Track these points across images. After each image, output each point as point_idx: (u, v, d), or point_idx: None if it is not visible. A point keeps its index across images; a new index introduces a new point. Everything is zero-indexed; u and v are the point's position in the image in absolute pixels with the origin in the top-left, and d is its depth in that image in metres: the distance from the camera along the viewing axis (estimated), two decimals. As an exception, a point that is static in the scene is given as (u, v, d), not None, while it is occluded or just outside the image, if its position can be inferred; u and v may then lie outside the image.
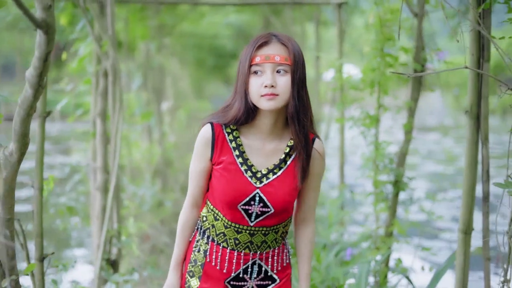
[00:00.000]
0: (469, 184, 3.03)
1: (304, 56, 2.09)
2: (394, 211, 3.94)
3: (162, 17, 7.13)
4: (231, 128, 2.11)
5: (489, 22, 2.92)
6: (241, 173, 2.09)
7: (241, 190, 2.08)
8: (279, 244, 2.22)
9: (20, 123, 1.86)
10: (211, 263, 2.17)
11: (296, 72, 2.01)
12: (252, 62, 2.01)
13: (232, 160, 2.10)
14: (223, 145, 2.10)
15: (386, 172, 3.88)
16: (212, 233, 2.17)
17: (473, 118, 2.99)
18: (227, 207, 2.10)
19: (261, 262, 2.18)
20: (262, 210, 2.09)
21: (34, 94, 1.76)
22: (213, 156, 2.11)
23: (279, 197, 2.09)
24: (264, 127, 2.10)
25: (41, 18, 1.58)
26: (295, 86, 2.01)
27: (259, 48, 2.03)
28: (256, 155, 2.12)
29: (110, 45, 3.85)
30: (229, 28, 14.87)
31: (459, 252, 3.07)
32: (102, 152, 4.04)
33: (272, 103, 1.99)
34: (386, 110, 4.00)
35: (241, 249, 2.15)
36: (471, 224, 3.04)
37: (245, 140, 2.12)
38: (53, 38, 1.64)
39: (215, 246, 2.16)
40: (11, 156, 1.93)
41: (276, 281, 2.23)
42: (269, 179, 2.10)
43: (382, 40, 3.77)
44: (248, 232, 2.12)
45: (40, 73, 1.70)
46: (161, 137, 8.07)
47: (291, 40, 2.07)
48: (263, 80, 1.99)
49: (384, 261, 3.85)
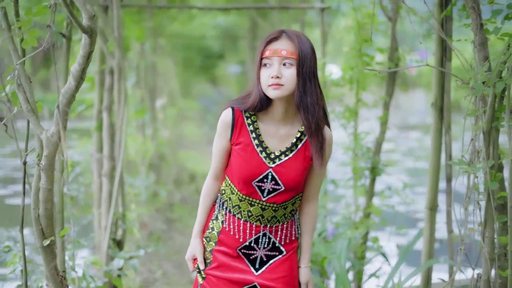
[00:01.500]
0: (434, 167, 3.51)
1: (314, 53, 2.30)
2: (371, 195, 4.41)
3: (156, 19, 7.56)
4: (250, 113, 2.37)
5: (450, 26, 3.39)
6: (257, 154, 2.35)
7: (255, 169, 2.34)
8: (288, 219, 2.45)
9: (62, 109, 2.28)
10: (227, 231, 2.42)
11: (301, 65, 2.24)
12: (263, 55, 2.28)
13: (249, 141, 2.36)
14: (242, 128, 2.36)
15: (364, 160, 4.35)
16: (229, 205, 2.43)
17: (437, 110, 3.46)
18: (243, 182, 2.36)
19: (270, 235, 2.42)
20: (274, 187, 2.35)
21: (76, 85, 2.19)
22: (232, 137, 2.37)
23: (289, 177, 2.35)
24: (277, 114, 2.35)
25: (87, 25, 2.01)
26: (300, 77, 2.24)
27: (269, 43, 2.28)
28: (270, 138, 2.37)
29: (116, 46, 4.27)
30: (217, 29, 15.19)
31: (426, 226, 3.54)
32: (108, 142, 4.45)
33: (278, 92, 2.24)
34: (364, 104, 4.46)
35: (253, 221, 2.39)
36: (436, 202, 3.52)
37: (261, 124, 2.37)
38: (94, 41, 2.07)
39: (231, 217, 2.42)
40: (52, 137, 2.34)
41: (283, 253, 2.45)
42: (281, 160, 2.36)
43: (359, 41, 4.23)
44: (260, 206, 2.38)
45: (83, 68, 2.13)
46: (154, 132, 8.50)
47: (300, 37, 2.29)
48: (271, 72, 2.24)
49: (362, 238, 4.31)
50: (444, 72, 3.38)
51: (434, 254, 3.55)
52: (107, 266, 4.04)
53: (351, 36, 4.49)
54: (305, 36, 2.33)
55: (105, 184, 4.43)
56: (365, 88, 4.46)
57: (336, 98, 4.75)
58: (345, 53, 4.47)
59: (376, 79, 4.54)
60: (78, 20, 1.98)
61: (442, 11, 3.34)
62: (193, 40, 14.83)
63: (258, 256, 2.44)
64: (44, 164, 2.37)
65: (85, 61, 2.11)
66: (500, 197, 2.73)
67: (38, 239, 2.47)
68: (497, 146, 2.70)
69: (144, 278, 5.05)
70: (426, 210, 3.54)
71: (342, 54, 4.96)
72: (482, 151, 2.69)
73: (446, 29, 3.38)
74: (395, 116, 23.49)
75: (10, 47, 2.39)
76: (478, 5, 2.72)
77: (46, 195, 2.43)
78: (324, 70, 5.08)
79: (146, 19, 7.10)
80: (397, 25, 4.30)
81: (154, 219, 6.80)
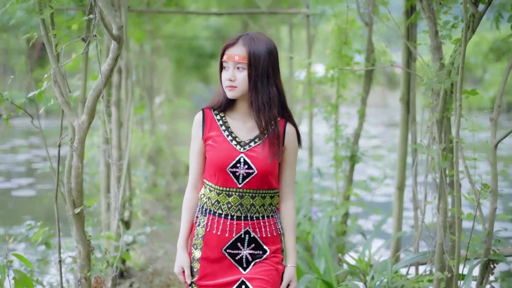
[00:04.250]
0: (401, 153, 4.08)
1: (271, 54, 2.47)
2: (350, 180, 4.98)
3: (154, 22, 8.11)
4: (218, 111, 2.59)
5: (415, 32, 3.95)
6: (228, 142, 2.52)
7: (228, 155, 2.49)
8: (268, 214, 2.56)
9: (92, 101, 2.82)
10: (210, 232, 2.52)
11: (252, 68, 2.44)
12: (222, 59, 2.51)
13: (219, 133, 2.54)
14: (212, 123, 2.56)
15: (344, 149, 4.92)
16: (209, 205, 2.55)
17: (404, 104, 4.02)
18: (218, 170, 2.50)
19: (252, 232, 2.51)
20: (247, 171, 2.48)
21: (105, 82, 2.73)
22: (204, 133, 2.56)
23: (260, 160, 2.48)
24: (242, 109, 2.55)
25: (116, 34, 2.56)
26: (251, 80, 2.44)
27: (226, 49, 2.49)
28: (239, 129, 2.55)
29: (124, 48, 4.82)
30: (208, 29, 15.65)
31: (395, 204, 4.12)
32: (116, 134, 5.00)
33: (232, 93, 2.47)
34: (344, 100, 5.02)
35: (233, 213, 2.50)
36: (403, 182, 4.09)
37: (229, 119, 2.57)
38: (121, 46, 2.62)
39: (212, 218, 2.52)
40: (82, 124, 2.88)
41: (267, 252, 2.54)
42: (251, 146, 2.51)
43: (340, 44, 4.79)
44: (237, 195, 2.49)
45: (112, 68, 2.67)
46: (152, 128, 9.07)
47: (255, 41, 2.47)
48: (227, 75, 2.48)
49: (342, 217, 4.88)
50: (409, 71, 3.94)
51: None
52: (117, 242, 4.58)
53: (334, 39, 5.05)
54: (264, 38, 2.51)
55: (114, 170, 4.96)
56: (345, 86, 5.02)
57: (319, 94, 5.32)
58: (327, 55, 5.03)
59: (355, 77, 5.11)
60: (110, 30, 2.52)
61: (408, 19, 3.90)
62: (186, 41, 15.27)
63: (243, 255, 2.53)
64: (76, 146, 2.91)
65: (113, 62, 2.65)
66: (452, 175, 3.29)
67: (70, 208, 3.01)
68: (448, 132, 3.27)
69: (147, 256, 5.62)
70: (396, 190, 4.11)
71: (325, 54, 5.51)
72: (436, 136, 3.25)
73: (412, 34, 3.94)
74: (383, 114, 24.21)
75: (48, 50, 2.93)
76: (434, 15, 3.27)
77: (77, 172, 2.97)
78: (309, 69, 5.64)
79: (145, 22, 7.64)
80: (372, 29, 4.86)
81: (155, 206, 7.37)
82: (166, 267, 5.34)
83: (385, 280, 3.31)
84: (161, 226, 4.69)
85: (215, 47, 17.90)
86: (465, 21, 2.85)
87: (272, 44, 2.51)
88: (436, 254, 3.29)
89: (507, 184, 9.75)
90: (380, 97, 27.19)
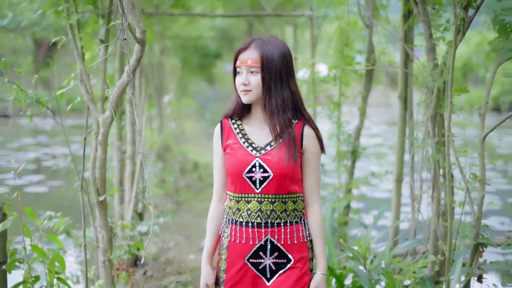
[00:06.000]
0: (400, 147, 4.35)
1: (284, 57, 2.46)
2: (352, 173, 5.26)
3: (162, 23, 8.40)
4: (235, 119, 2.60)
5: (412, 34, 4.22)
6: (243, 148, 2.51)
7: (243, 160, 2.48)
8: (290, 219, 2.51)
9: (116, 98, 3.11)
10: (233, 241, 2.52)
11: (266, 72, 2.44)
12: (235, 64, 2.53)
13: (236, 140, 2.54)
14: (229, 132, 2.58)
15: (346, 144, 5.20)
16: (231, 215, 2.55)
17: (402, 101, 4.29)
18: (235, 176, 2.50)
19: (273, 239, 2.48)
20: (263, 175, 2.46)
21: (128, 80, 3.02)
22: (222, 143, 2.58)
23: (275, 162, 2.45)
24: (258, 115, 2.55)
25: (140, 38, 2.84)
26: (265, 83, 2.45)
27: (239, 53, 2.51)
28: (255, 135, 2.54)
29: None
30: (214, 30, 15.91)
31: (394, 194, 4.38)
32: (131, 130, 5.29)
33: (247, 97, 2.48)
34: (346, 98, 5.30)
35: (253, 220, 2.48)
36: (401, 175, 4.36)
37: (246, 126, 2.58)
38: (144, 48, 2.89)
39: (235, 227, 2.52)
40: (106, 119, 3.17)
41: (291, 261, 2.50)
42: (266, 150, 2.49)
43: (342, 45, 5.06)
44: (256, 200, 2.48)
45: (134, 68, 2.95)
46: (161, 126, 9.38)
47: (268, 45, 2.47)
48: (241, 79, 2.48)
49: (344, 209, 5.16)
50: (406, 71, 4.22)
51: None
52: (132, 232, 4.87)
53: (336, 40, 5.33)
54: (277, 42, 2.51)
55: (128, 165, 5.26)
56: (347, 85, 5.30)
57: (323, 93, 5.60)
58: (330, 55, 5.30)
59: (357, 76, 5.39)
60: (134, 34, 2.81)
61: (406, 22, 4.17)
62: (191, 41, 15.53)
63: (266, 264, 2.51)
64: (101, 139, 3.20)
65: (136, 63, 2.93)
66: (445, 166, 3.56)
67: (95, 195, 3.29)
68: (441, 127, 3.54)
69: (159, 247, 5.92)
70: (394, 181, 4.38)
71: (328, 54, 5.79)
72: (430, 131, 3.53)
73: (409, 36, 4.21)
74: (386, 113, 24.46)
75: (75, 52, 3.22)
76: (428, 18, 3.54)
77: (101, 163, 3.26)
78: (313, 68, 5.92)
79: (154, 24, 7.92)
80: (373, 31, 5.13)
81: (164, 201, 7.67)
82: (177, 256, 5.65)
83: (383, 263, 3.59)
84: (173, 217, 4.97)
85: (220, 47, 18.17)
86: (455, 25, 3.11)
87: (285, 47, 2.50)
88: (430, 240, 3.57)
89: (506, 181, 10.01)
90: (383, 96, 27.48)
